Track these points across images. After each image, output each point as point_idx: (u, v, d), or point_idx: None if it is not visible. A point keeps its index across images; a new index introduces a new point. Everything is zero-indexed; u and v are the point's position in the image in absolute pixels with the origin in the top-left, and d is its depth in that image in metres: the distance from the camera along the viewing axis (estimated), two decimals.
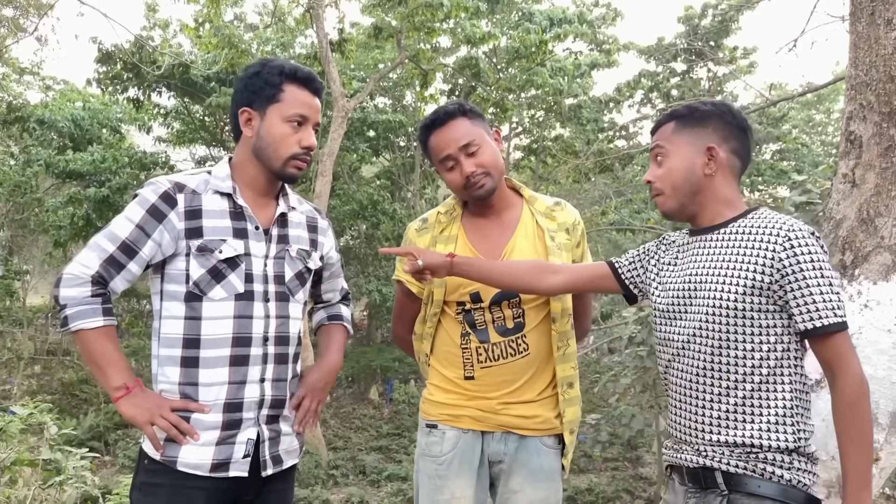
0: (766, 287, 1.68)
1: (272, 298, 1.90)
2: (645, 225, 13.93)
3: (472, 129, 2.12)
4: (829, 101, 21.50)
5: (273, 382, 1.90)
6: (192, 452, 1.81)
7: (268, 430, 1.90)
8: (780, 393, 1.68)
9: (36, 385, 14.02)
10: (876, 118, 2.01)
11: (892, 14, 1.98)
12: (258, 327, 1.86)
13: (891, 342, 1.91)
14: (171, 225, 1.81)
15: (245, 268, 1.86)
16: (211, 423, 1.82)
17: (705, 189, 1.81)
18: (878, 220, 1.98)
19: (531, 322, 2.15)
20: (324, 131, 13.09)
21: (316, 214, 2.12)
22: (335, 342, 2.17)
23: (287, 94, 1.87)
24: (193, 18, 13.10)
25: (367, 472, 11.08)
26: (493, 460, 2.16)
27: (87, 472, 4.48)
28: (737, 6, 14.94)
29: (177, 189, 1.84)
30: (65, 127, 14.41)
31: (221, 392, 1.82)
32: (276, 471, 1.92)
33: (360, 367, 16.57)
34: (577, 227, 2.25)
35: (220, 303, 1.83)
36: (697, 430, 1.76)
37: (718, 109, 1.83)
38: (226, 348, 1.83)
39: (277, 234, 1.95)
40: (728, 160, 1.81)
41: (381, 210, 16.04)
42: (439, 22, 12.48)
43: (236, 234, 1.87)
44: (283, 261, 1.94)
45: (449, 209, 2.26)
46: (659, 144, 1.86)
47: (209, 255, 1.82)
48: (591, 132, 16.82)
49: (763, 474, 1.66)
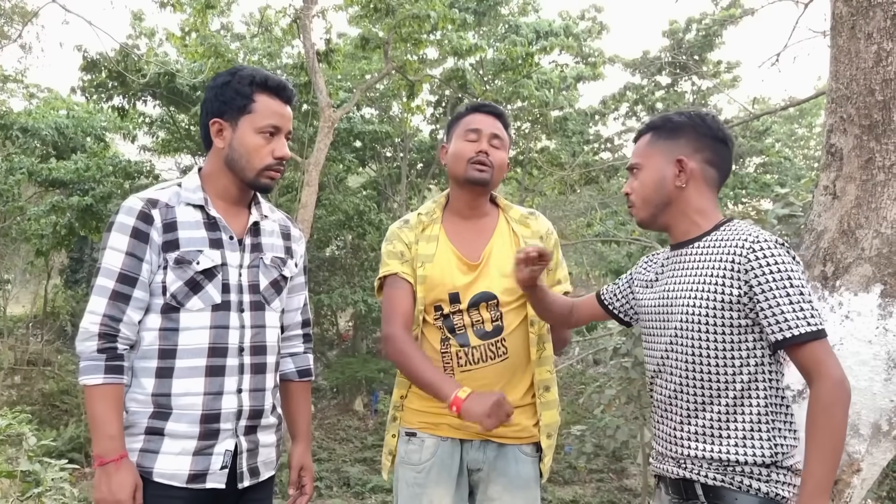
0: (736, 300, 1.66)
1: (247, 308, 1.88)
2: (630, 236, 14.01)
3: (506, 133, 2.28)
4: (812, 116, 21.78)
5: (251, 393, 1.87)
6: (169, 462, 1.79)
7: (246, 441, 1.87)
8: (755, 408, 1.67)
9: (16, 395, 13.85)
10: (856, 131, 2.03)
11: (872, 28, 2.01)
12: (234, 337, 1.85)
13: (872, 353, 1.92)
14: (154, 243, 1.81)
15: (222, 278, 1.85)
16: (188, 433, 1.80)
17: (676, 201, 1.80)
18: (859, 232, 2.00)
19: (510, 325, 2.16)
20: (310, 141, 13.08)
21: (289, 223, 2.10)
22: (305, 409, 2.14)
23: (259, 105, 1.86)
24: (180, 27, 13.10)
25: (351, 484, 11.02)
26: (472, 468, 2.16)
27: (65, 484, 4.42)
28: (720, 21, 15.13)
29: (150, 205, 1.83)
30: (48, 135, 14.31)
31: (197, 402, 1.80)
32: (252, 483, 1.90)
33: (345, 377, 16.50)
34: (550, 235, 2.30)
35: (197, 313, 1.81)
36: (676, 444, 1.77)
37: (691, 120, 1.81)
38: (201, 359, 1.81)
39: (251, 244, 1.93)
40: (701, 171, 1.79)
41: (367, 220, 16.04)
42: (426, 33, 12.55)
43: (212, 245, 1.86)
44: (258, 269, 1.92)
45: (430, 211, 2.29)
46: (633, 160, 1.88)
47: (186, 266, 1.81)
48: (577, 144, 16.93)
49: (741, 487, 1.66)
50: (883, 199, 1.97)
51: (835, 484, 1.93)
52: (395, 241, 2.23)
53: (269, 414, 1.95)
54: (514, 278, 2.03)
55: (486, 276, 2.18)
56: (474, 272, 2.18)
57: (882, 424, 1.92)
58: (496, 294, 2.15)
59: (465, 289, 2.15)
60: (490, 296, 2.15)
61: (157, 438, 1.80)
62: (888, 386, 1.91)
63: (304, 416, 2.12)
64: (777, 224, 4.56)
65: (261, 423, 1.91)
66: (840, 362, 1.62)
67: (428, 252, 2.19)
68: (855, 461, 1.93)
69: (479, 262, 2.19)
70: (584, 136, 17.39)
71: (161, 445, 1.80)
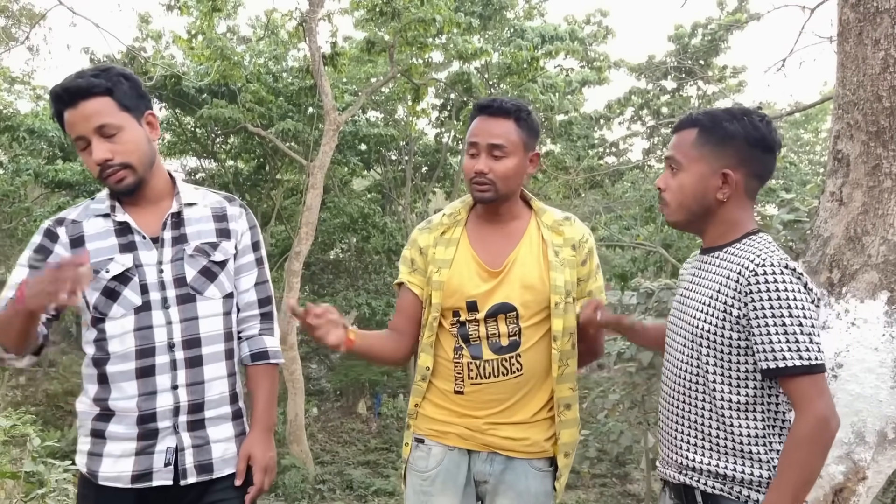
0: (736, 321, 1.63)
1: (173, 303, 1.87)
2: (635, 241, 14.00)
3: (514, 133, 2.05)
4: (817, 121, 21.72)
5: (188, 388, 1.86)
6: (111, 465, 1.83)
7: (191, 437, 1.86)
8: (753, 429, 1.65)
9: (20, 396, 13.88)
10: (863, 137, 2.02)
11: (879, 34, 2.00)
12: (160, 335, 1.85)
13: (878, 360, 1.91)
14: (57, 258, 1.83)
15: (139, 279, 1.86)
16: (127, 434, 1.83)
17: (715, 212, 1.74)
18: (866, 239, 1.99)
19: (528, 340, 2.07)
20: (315, 144, 13.10)
21: (224, 203, 2.04)
22: (262, 394, 2.01)
23: (66, 121, 1.83)
24: (186, 30, 13.12)
25: (354, 487, 11.00)
26: (479, 480, 2.11)
27: (69, 486, 4.42)
28: (726, 26, 15.11)
29: (57, 224, 1.90)
30: (55, 136, 14.33)
31: (132, 405, 1.83)
32: (202, 479, 1.88)
33: (349, 380, 16.50)
34: (583, 244, 2.14)
35: (120, 320, 1.84)
36: (678, 452, 1.77)
37: (744, 130, 1.69)
38: (130, 362, 1.83)
39: (171, 237, 1.92)
40: (744, 184, 1.71)
41: (371, 223, 16.04)
42: (432, 37, 12.56)
43: (123, 249, 1.87)
44: (182, 262, 1.91)
45: (454, 212, 2.19)
46: (674, 155, 1.78)
47: (97, 276, 1.82)
48: (582, 148, 16.92)
49: (738, 497, 1.66)
50: (890, 206, 1.96)
51: (840, 492, 1.93)
52: (410, 246, 2.18)
53: (220, 405, 1.91)
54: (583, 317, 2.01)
55: (506, 286, 2.05)
56: (495, 280, 2.06)
57: (888, 432, 1.91)
58: (516, 306, 2.04)
59: (483, 297, 2.04)
60: (509, 307, 2.04)
61: (100, 442, 1.84)
62: (894, 393, 1.90)
63: (261, 401, 2.00)
64: (782, 229, 4.55)
65: (206, 415, 1.89)
66: (845, 371, 1.61)
67: (446, 257, 2.10)
68: (860, 469, 1.92)
69: (501, 270, 2.06)
70: (589, 141, 17.39)
71: (104, 448, 1.84)
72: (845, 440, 1.91)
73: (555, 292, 2.05)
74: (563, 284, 2.06)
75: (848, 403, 1.91)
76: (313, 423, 15.10)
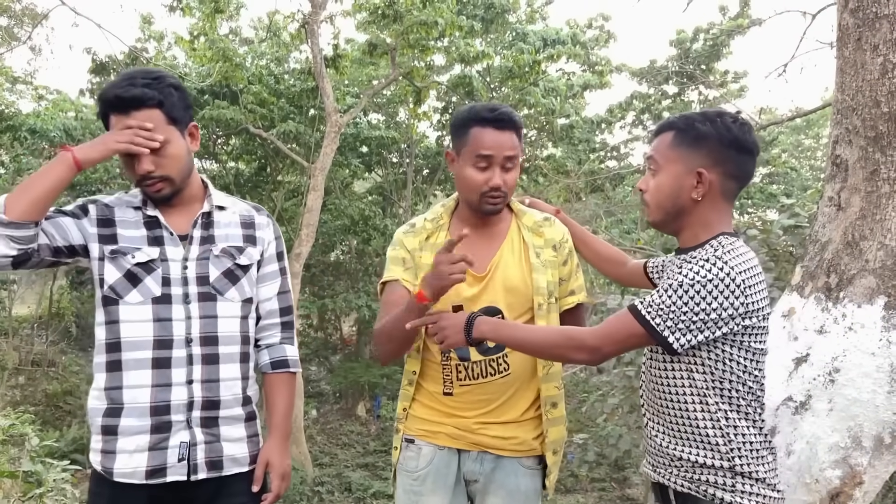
0: None
1: (194, 300, 1.89)
2: (635, 245, 13.99)
3: (518, 144, 2.08)
4: (818, 126, 21.74)
5: (203, 384, 1.87)
6: (126, 461, 1.82)
7: (203, 433, 1.88)
8: (709, 413, 1.69)
9: (19, 396, 13.88)
10: (861, 142, 2.02)
11: (878, 40, 2.00)
12: (179, 329, 1.86)
13: (875, 365, 1.92)
14: (82, 225, 1.89)
15: (162, 272, 1.88)
16: (140, 427, 1.83)
17: (690, 212, 1.77)
18: (863, 244, 1.99)
19: None
20: (316, 146, 13.11)
21: (253, 212, 2.09)
22: (281, 402, 2.04)
23: (112, 124, 1.87)
24: (188, 31, 13.14)
25: (352, 490, 11.01)
26: (469, 479, 2.13)
27: (67, 486, 4.43)
28: (728, 31, 15.13)
29: (90, 202, 1.95)
30: (57, 136, 14.33)
31: (146, 395, 1.83)
32: (211, 476, 1.89)
33: (348, 382, 16.49)
34: (564, 244, 2.18)
35: (137, 307, 1.85)
36: (650, 446, 1.83)
37: (716, 130, 1.73)
38: (147, 351, 1.84)
39: (200, 236, 1.96)
40: (720, 184, 1.74)
41: (372, 226, 16.05)
42: (434, 40, 12.58)
43: (151, 242, 1.90)
44: (207, 261, 1.94)
45: (436, 216, 2.20)
46: (652, 156, 1.82)
47: (122, 258, 1.86)
48: (583, 152, 16.94)
49: (705, 496, 1.69)
50: (888, 211, 1.97)
51: (836, 496, 1.93)
52: (398, 246, 2.18)
53: (233, 406, 1.94)
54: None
55: (491, 290, 2.09)
56: (480, 284, 2.09)
57: (885, 437, 1.91)
58: (501, 308, 2.08)
59: (469, 302, 2.07)
60: (495, 310, 2.07)
61: (112, 438, 1.84)
62: (891, 398, 1.90)
63: (279, 409, 2.04)
64: (783, 234, 4.55)
65: (220, 414, 1.91)
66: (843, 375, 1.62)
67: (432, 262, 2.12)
68: (857, 473, 1.92)
69: (486, 275, 2.10)
70: (590, 145, 17.41)
71: (117, 444, 1.83)
72: (842, 445, 1.92)
73: (538, 294, 2.09)
74: (545, 286, 2.10)
75: (845, 408, 1.91)
76: (312, 425, 15.10)
